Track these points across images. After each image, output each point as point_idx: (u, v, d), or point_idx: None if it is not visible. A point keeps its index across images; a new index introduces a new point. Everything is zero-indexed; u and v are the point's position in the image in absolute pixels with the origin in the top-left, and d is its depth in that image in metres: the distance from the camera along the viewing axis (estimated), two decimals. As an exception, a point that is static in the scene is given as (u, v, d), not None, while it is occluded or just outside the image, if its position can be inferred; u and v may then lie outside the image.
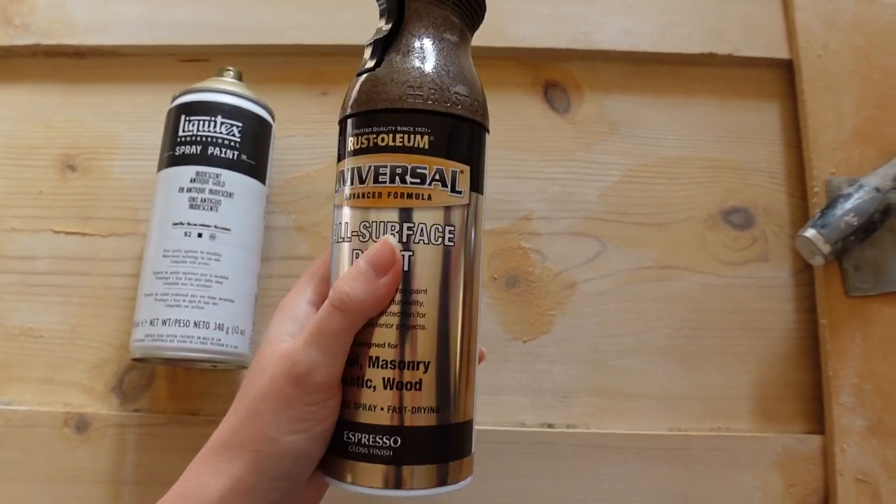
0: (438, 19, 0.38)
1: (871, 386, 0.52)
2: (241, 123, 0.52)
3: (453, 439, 0.36)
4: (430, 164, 0.36)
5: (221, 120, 0.51)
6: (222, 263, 0.49)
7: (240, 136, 0.52)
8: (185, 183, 0.50)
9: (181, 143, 0.51)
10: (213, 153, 0.50)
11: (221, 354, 0.49)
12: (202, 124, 0.51)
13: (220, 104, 0.52)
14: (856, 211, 0.51)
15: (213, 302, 0.49)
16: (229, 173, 0.51)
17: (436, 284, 0.36)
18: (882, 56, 0.58)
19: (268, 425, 0.35)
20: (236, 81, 0.54)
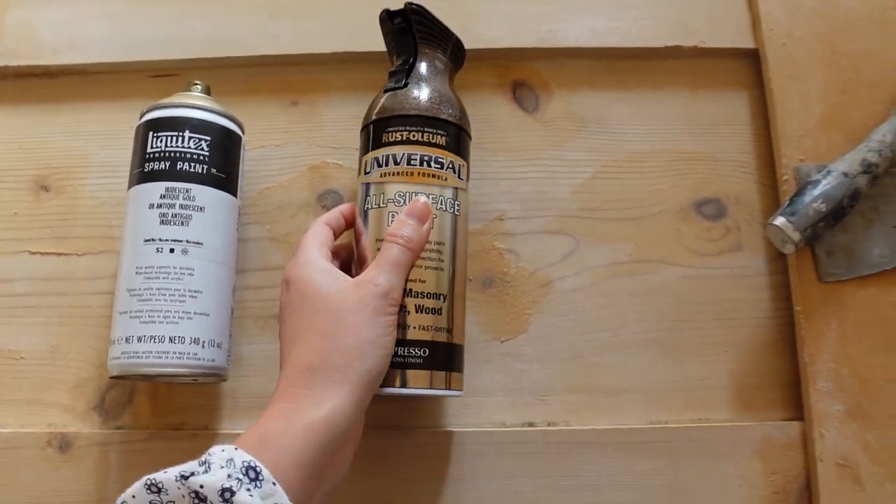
0: (439, 60, 0.54)
1: (848, 370, 0.53)
2: (209, 137, 0.52)
3: (458, 356, 0.49)
4: (447, 156, 0.50)
5: (189, 134, 0.51)
6: (195, 278, 0.49)
7: (208, 150, 0.51)
8: (154, 199, 0.50)
9: (150, 160, 0.51)
10: (182, 168, 0.50)
11: (199, 368, 0.49)
12: (170, 140, 0.51)
13: (188, 119, 0.51)
14: (824, 197, 0.52)
15: (188, 316, 0.49)
16: (199, 188, 0.51)
17: (448, 240, 0.49)
18: (846, 41, 0.58)
19: (364, 330, 0.43)
20: (204, 95, 0.54)
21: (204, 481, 0.34)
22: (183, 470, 0.35)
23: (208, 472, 0.35)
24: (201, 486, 0.34)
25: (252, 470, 0.36)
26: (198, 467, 0.36)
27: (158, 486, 0.35)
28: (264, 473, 0.36)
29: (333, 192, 0.58)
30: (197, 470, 0.35)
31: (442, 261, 0.49)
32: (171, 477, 0.35)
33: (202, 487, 0.34)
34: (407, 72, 0.52)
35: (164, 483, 0.35)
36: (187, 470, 0.35)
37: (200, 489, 0.34)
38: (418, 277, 0.48)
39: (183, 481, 0.34)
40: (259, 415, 0.53)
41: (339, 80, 0.61)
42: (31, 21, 0.61)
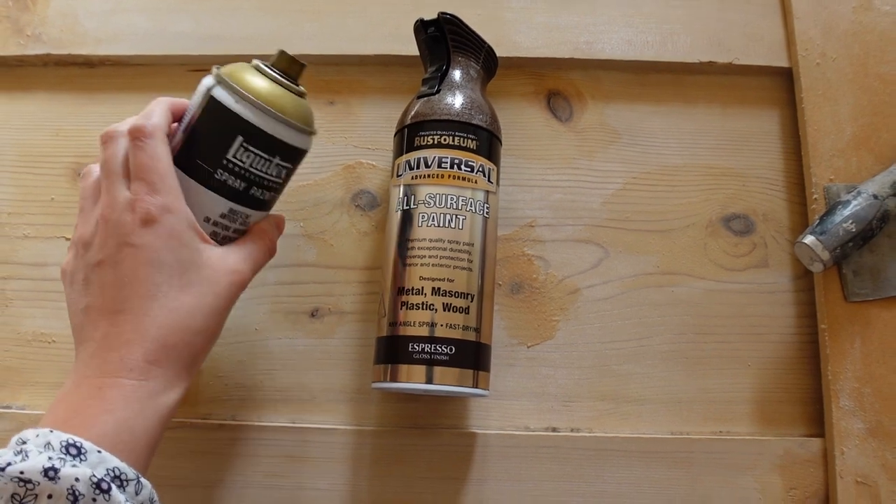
0: (472, 69, 0.55)
1: (871, 389, 0.53)
2: (291, 166, 0.47)
3: (486, 355, 0.50)
4: (476, 160, 0.51)
5: (278, 162, 0.45)
6: None
7: (283, 179, 0.47)
8: (214, 216, 0.45)
9: (225, 168, 0.44)
10: (254, 194, 0.45)
11: None
12: (257, 162, 0.44)
13: (285, 144, 0.45)
14: (854, 218, 0.52)
15: None
16: (257, 213, 0.47)
17: (478, 241, 0.50)
18: (879, 63, 0.59)
19: (221, 322, 0.43)
20: (301, 93, 0.46)
21: (24, 468, 0.33)
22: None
23: (26, 460, 0.33)
24: (21, 472, 0.32)
25: (73, 447, 0.34)
26: (13, 457, 0.33)
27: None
28: (86, 446, 0.35)
29: (367, 192, 0.59)
30: (13, 460, 0.33)
31: (471, 261, 0.50)
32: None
33: (22, 473, 0.32)
34: (440, 79, 0.54)
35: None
36: (2, 461, 0.33)
37: (21, 475, 0.32)
38: (447, 276, 0.49)
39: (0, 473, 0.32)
40: (286, 408, 0.54)
41: (376, 82, 0.61)
42: (75, 11, 0.62)
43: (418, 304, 0.49)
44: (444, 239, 0.49)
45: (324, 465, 0.53)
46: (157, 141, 0.42)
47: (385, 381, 0.49)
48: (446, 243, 0.49)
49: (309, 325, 0.56)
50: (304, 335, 0.56)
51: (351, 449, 0.53)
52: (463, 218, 0.50)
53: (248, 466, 0.53)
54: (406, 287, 0.49)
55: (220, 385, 0.56)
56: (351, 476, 0.53)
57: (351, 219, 0.58)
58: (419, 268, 0.49)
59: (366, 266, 0.57)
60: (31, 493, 0.32)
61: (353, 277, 0.57)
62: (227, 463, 0.53)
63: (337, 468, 0.53)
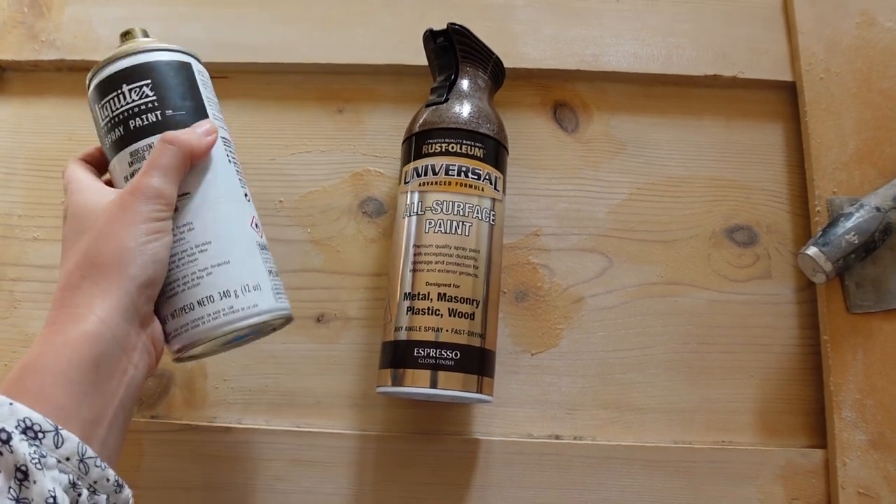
0: (480, 79, 0.56)
1: (873, 401, 0.54)
2: (148, 80, 0.46)
3: (490, 361, 0.51)
4: (483, 168, 0.52)
5: (127, 87, 0.46)
6: (196, 231, 0.45)
7: (154, 94, 0.46)
8: (126, 170, 0.45)
9: (106, 133, 0.47)
10: (136, 125, 0.45)
11: (240, 320, 0.44)
12: (113, 103, 0.46)
13: (120, 72, 0.46)
14: (857, 230, 0.53)
15: (207, 273, 0.44)
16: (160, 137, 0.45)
17: (484, 248, 0.51)
18: (882, 79, 0.60)
19: (125, 237, 0.41)
20: (137, 40, 0.48)
21: None
22: None
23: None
24: None
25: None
26: None
27: None
28: None
29: (374, 200, 0.59)
30: None
31: (477, 268, 0.50)
32: None
33: None
34: (448, 88, 0.54)
35: None
36: None
37: None
38: (453, 282, 0.49)
39: None
40: (291, 412, 0.55)
41: (384, 91, 0.62)
42: (89, 18, 0.63)
43: (424, 310, 0.49)
44: (451, 245, 0.50)
45: (328, 469, 0.53)
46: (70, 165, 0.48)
47: (390, 385, 0.49)
48: (453, 249, 0.50)
49: (315, 330, 0.57)
50: (309, 340, 0.57)
51: (355, 454, 0.54)
52: (469, 225, 0.51)
53: (253, 470, 0.54)
54: (412, 292, 0.50)
55: (226, 388, 0.56)
56: (355, 481, 0.53)
57: (358, 225, 0.59)
58: (426, 273, 0.50)
59: (372, 272, 0.58)
60: None
61: (359, 283, 0.58)
62: (233, 466, 0.54)
63: (341, 473, 0.53)
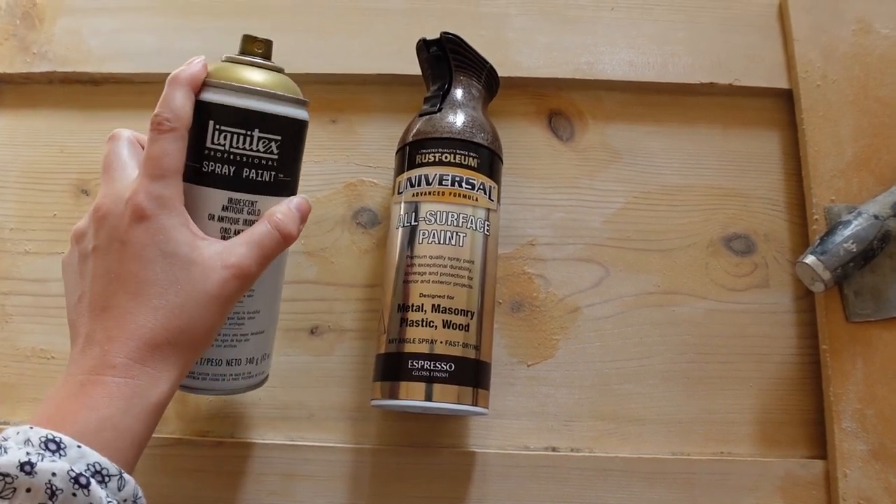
0: (474, 88, 0.55)
1: (873, 411, 0.53)
2: (279, 137, 0.44)
3: (486, 372, 0.50)
4: (477, 178, 0.52)
5: (259, 135, 0.43)
6: (255, 298, 0.46)
7: (278, 153, 0.44)
8: (216, 210, 0.43)
9: (210, 158, 0.43)
10: (249, 176, 0.43)
11: (251, 386, 0.48)
12: (236, 139, 0.43)
13: (259, 113, 0.43)
14: (855, 238, 0.52)
15: (245, 338, 0.46)
16: (265, 199, 0.44)
17: (479, 258, 0.50)
18: (879, 86, 0.59)
19: (217, 318, 0.41)
20: (271, 66, 0.45)
21: (1, 462, 0.32)
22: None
23: (4, 455, 0.33)
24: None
25: (52, 442, 0.34)
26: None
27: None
28: (66, 441, 0.34)
29: (368, 210, 0.59)
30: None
31: (472, 279, 0.50)
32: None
33: None
34: (442, 97, 0.54)
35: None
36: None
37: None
38: (447, 294, 0.49)
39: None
40: (285, 425, 0.54)
41: (378, 101, 0.62)
42: (81, 29, 0.63)
43: (418, 321, 0.49)
44: (445, 256, 0.49)
45: (322, 483, 0.53)
46: (176, 136, 0.41)
47: (384, 398, 0.49)
48: (447, 260, 0.49)
49: (308, 343, 0.56)
50: (303, 352, 0.56)
51: (350, 467, 0.53)
52: (463, 235, 0.50)
53: (246, 484, 0.53)
54: (406, 304, 0.49)
55: (219, 402, 0.55)
56: (350, 495, 0.52)
57: (352, 236, 0.59)
58: (419, 284, 0.49)
59: (366, 283, 0.57)
60: (9, 486, 0.32)
61: (353, 295, 0.57)
62: (226, 481, 0.53)
63: (336, 486, 0.53)
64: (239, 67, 0.44)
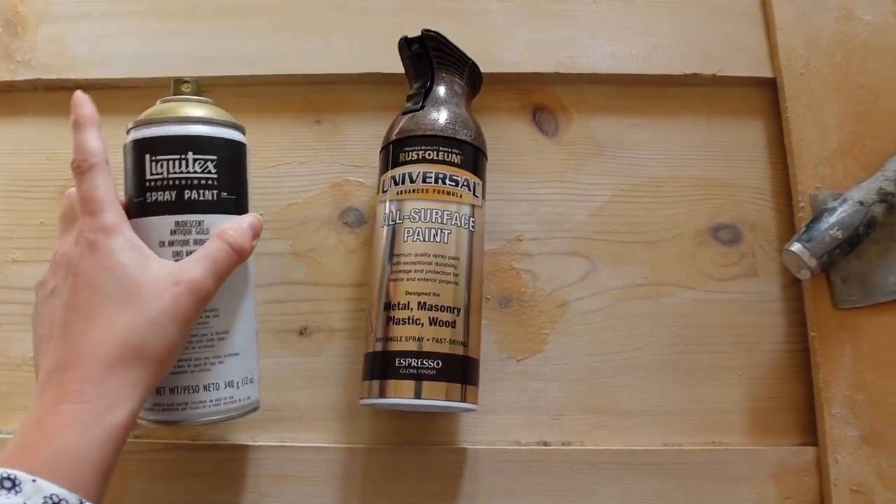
0: (457, 84, 0.55)
1: (863, 396, 0.53)
2: (215, 156, 0.46)
3: (474, 369, 0.50)
4: (461, 174, 0.52)
5: (194, 156, 0.45)
6: (221, 318, 0.46)
7: (216, 172, 0.46)
8: (165, 236, 0.45)
9: (152, 189, 0.45)
10: (191, 197, 0.45)
11: (236, 411, 0.47)
12: (172, 164, 0.45)
13: (190, 137, 0.46)
14: (840, 224, 0.52)
15: (219, 360, 0.46)
16: (212, 217, 0.46)
17: (464, 255, 0.50)
18: (862, 73, 0.59)
19: (173, 335, 0.41)
20: (199, 100, 0.48)
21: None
22: None
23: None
24: None
25: (7, 479, 0.34)
26: None
27: None
28: (20, 476, 0.34)
29: (355, 210, 0.59)
30: None
31: (457, 275, 0.50)
32: None
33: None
34: (424, 95, 0.54)
35: None
36: None
37: None
38: (433, 291, 0.49)
39: None
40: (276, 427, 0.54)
41: (362, 100, 0.62)
42: (64, 36, 0.63)
43: (405, 319, 0.49)
44: (430, 253, 0.49)
45: (314, 483, 0.53)
46: (97, 171, 0.43)
47: (373, 396, 0.49)
48: (432, 257, 0.49)
49: (297, 344, 0.56)
50: (292, 353, 0.56)
51: (341, 467, 0.53)
52: (448, 232, 0.50)
53: (238, 487, 0.53)
54: (392, 302, 0.49)
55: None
56: (342, 494, 0.53)
57: (339, 236, 0.59)
58: (405, 283, 0.49)
59: (354, 283, 0.58)
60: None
61: (341, 294, 0.57)
62: (218, 483, 0.53)
63: (328, 487, 0.53)
64: (168, 105, 0.47)
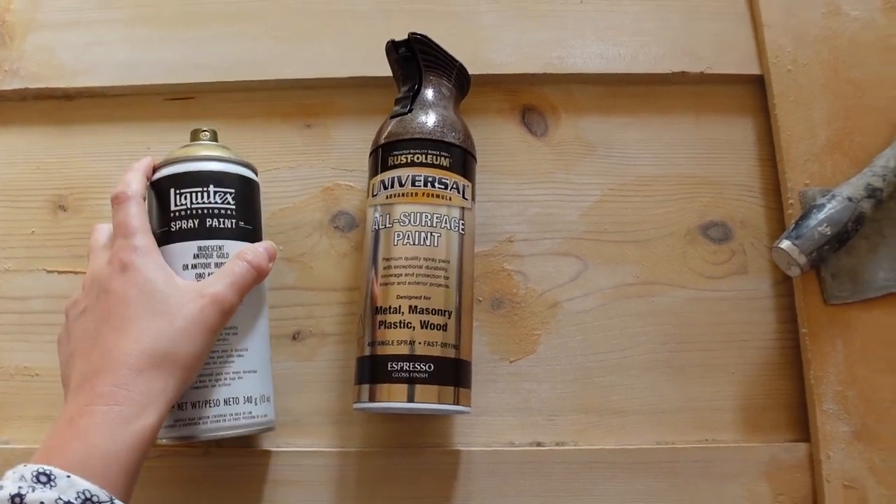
0: (444, 87, 0.55)
1: (854, 392, 0.53)
2: (233, 189, 0.51)
3: (466, 371, 0.50)
4: (450, 177, 0.52)
5: (214, 189, 0.50)
6: (240, 336, 0.49)
7: (235, 203, 0.51)
8: (188, 259, 0.49)
9: (176, 218, 0.49)
10: (212, 225, 0.50)
11: (256, 426, 0.49)
12: (195, 196, 0.49)
13: (211, 173, 0.50)
14: (829, 221, 0.52)
15: (238, 376, 0.49)
16: (231, 243, 0.50)
17: (455, 257, 0.51)
18: (850, 68, 0.59)
19: (199, 344, 0.44)
20: (216, 144, 0.54)
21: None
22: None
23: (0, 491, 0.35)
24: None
25: (43, 475, 0.36)
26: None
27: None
28: (55, 472, 0.36)
29: (346, 213, 0.59)
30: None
31: (448, 278, 0.50)
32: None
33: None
34: (412, 98, 0.54)
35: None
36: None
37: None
38: (424, 294, 0.49)
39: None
40: (270, 432, 0.54)
41: (351, 104, 0.62)
42: (52, 45, 0.63)
43: (396, 323, 0.49)
44: (420, 257, 0.50)
45: (310, 487, 0.53)
46: (133, 202, 0.47)
47: (366, 401, 0.49)
48: (422, 261, 0.49)
49: (291, 348, 0.57)
50: (286, 358, 0.56)
51: (336, 471, 0.53)
52: (438, 235, 0.50)
53: (235, 492, 0.53)
54: (383, 306, 0.49)
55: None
56: (336, 498, 0.53)
57: (330, 240, 0.59)
58: (396, 286, 0.49)
59: (346, 287, 0.58)
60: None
61: (333, 299, 0.57)
62: (215, 489, 0.53)
63: (323, 491, 0.53)
64: (189, 147, 0.52)
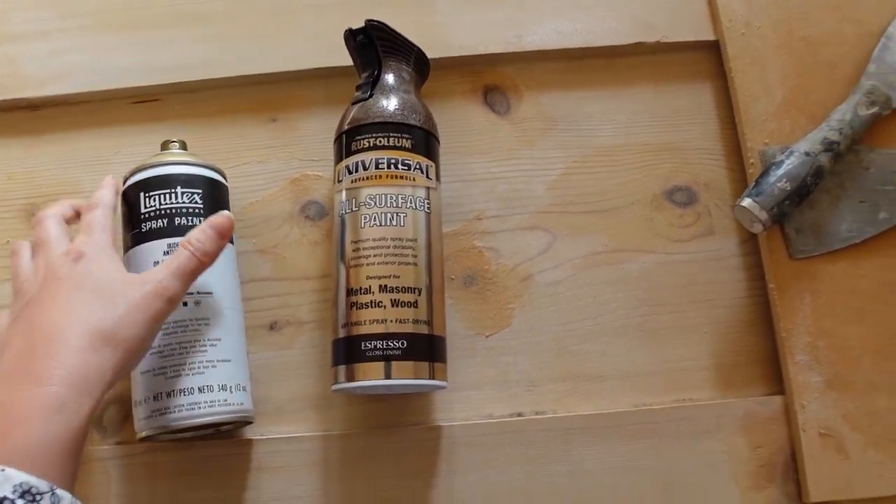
0: (404, 72, 0.56)
1: (824, 342, 0.54)
2: (200, 190, 0.53)
3: (440, 346, 0.51)
4: (413, 158, 0.53)
5: (181, 190, 0.52)
6: (212, 326, 0.51)
7: (202, 202, 0.53)
8: (158, 257, 0.50)
9: (146, 219, 0.51)
10: (181, 223, 0.51)
11: (230, 414, 0.50)
12: (164, 197, 0.52)
13: (177, 175, 0.53)
14: (787, 176, 0.53)
15: (213, 365, 0.50)
16: None
17: (422, 236, 0.51)
18: (802, 27, 0.60)
19: (141, 330, 0.44)
20: (185, 152, 0.55)
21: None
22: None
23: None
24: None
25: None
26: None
27: None
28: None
29: (315, 203, 0.60)
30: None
31: (416, 256, 0.51)
32: None
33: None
34: (372, 84, 0.55)
35: None
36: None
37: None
38: (393, 273, 0.50)
39: None
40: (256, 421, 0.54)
41: (316, 95, 0.62)
42: (19, 55, 0.63)
43: (367, 303, 0.49)
44: (387, 237, 0.50)
45: (295, 472, 0.54)
46: (103, 209, 0.49)
47: (343, 381, 0.49)
48: (389, 241, 0.50)
49: (268, 338, 0.57)
50: (264, 348, 0.57)
51: (319, 454, 0.54)
52: (404, 215, 0.51)
53: (222, 482, 0.54)
54: (354, 287, 0.50)
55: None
56: (321, 481, 0.53)
57: (301, 230, 0.59)
58: (365, 267, 0.50)
59: (320, 275, 0.58)
60: None
61: (308, 287, 0.58)
62: (202, 481, 0.54)
63: (308, 475, 0.54)
64: (158, 156, 0.55)
